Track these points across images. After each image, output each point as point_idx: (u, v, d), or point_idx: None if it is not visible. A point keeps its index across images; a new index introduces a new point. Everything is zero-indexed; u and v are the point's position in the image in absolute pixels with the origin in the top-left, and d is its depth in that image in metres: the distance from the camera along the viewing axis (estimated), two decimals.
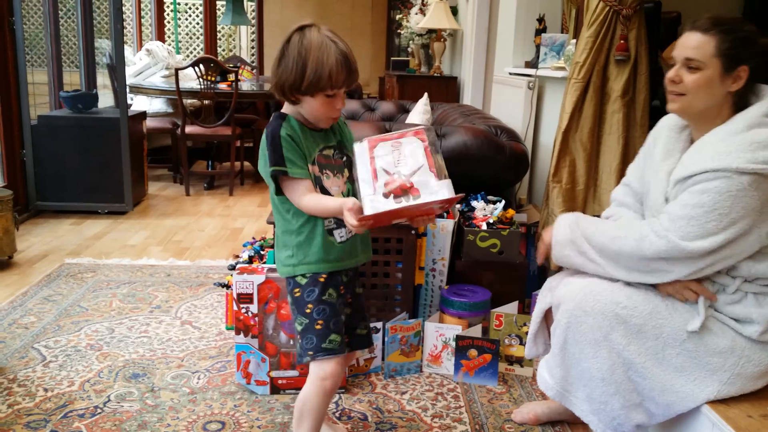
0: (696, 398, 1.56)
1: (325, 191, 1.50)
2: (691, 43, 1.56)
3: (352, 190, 1.53)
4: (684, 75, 1.57)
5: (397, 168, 1.33)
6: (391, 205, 1.29)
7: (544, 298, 1.81)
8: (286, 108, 1.53)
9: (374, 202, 1.30)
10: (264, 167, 1.50)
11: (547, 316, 1.82)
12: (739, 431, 1.46)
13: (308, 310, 1.54)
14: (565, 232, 1.73)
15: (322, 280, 1.54)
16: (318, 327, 1.54)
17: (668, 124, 1.75)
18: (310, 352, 1.54)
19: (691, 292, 1.57)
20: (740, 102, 1.58)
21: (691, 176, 1.53)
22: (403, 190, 1.30)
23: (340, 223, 1.52)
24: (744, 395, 1.60)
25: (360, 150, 1.39)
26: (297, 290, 1.56)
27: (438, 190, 1.30)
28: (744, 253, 1.52)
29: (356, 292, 1.68)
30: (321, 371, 1.54)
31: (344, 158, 1.56)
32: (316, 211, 1.47)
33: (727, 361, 1.55)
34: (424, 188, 1.30)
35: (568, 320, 1.64)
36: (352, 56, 1.45)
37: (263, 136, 1.49)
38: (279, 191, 1.49)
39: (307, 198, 1.45)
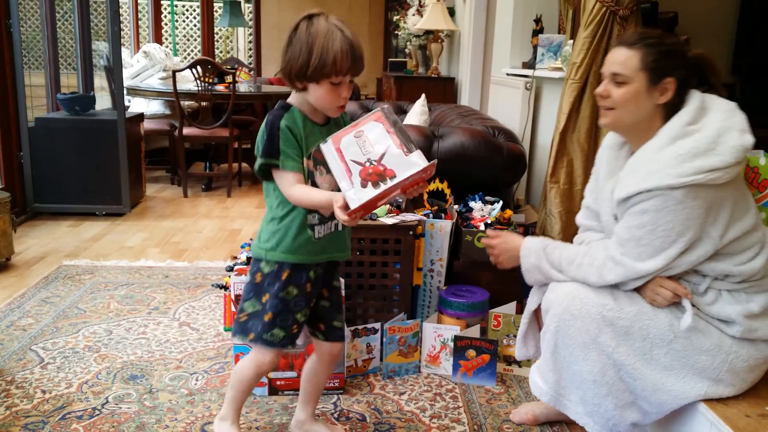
0: (687, 396, 1.57)
1: (316, 187, 1.51)
2: (617, 58, 1.59)
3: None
4: (612, 90, 1.60)
5: (366, 156, 1.35)
6: (371, 193, 1.31)
7: (532, 298, 1.83)
8: (293, 98, 1.54)
9: (356, 194, 1.32)
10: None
11: (538, 317, 1.83)
12: (737, 431, 1.46)
13: (264, 299, 1.57)
14: (531, 261, 1.76)
15: (284, 277, 1.55)
16: (266, 318, 1.57)
17: (609, 143, 1.77)
18: (252, 335, 1.58)
19: (668, 292, 1.57)
20: (671, 114, 1.59)
21: (628, 198, 1.56)
22: (379, 175, 1.32)
23: (323, 219, 1.54)
24: (742, 395, 1.60)
25: (327, 149, 1.40)
26: (258, 275, 1.58)
27: (411, 164, 1.33)
28: (700, 258, 1.54)
29: (334, 286, 1.70)
30: (261, 357, 1.61)
31: None
32: (304, 203, 1.48)
33: (715, 358, 1.56)
34: (398, 167, 1.33)
35: (557, 324, 1.65)
36: (359, 45, 1.45)
37: (263, 123, 1.50)
38: (268, 177, 1.52)
39: (296, 188, 1.46)
